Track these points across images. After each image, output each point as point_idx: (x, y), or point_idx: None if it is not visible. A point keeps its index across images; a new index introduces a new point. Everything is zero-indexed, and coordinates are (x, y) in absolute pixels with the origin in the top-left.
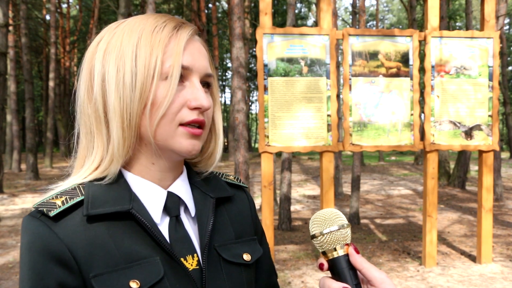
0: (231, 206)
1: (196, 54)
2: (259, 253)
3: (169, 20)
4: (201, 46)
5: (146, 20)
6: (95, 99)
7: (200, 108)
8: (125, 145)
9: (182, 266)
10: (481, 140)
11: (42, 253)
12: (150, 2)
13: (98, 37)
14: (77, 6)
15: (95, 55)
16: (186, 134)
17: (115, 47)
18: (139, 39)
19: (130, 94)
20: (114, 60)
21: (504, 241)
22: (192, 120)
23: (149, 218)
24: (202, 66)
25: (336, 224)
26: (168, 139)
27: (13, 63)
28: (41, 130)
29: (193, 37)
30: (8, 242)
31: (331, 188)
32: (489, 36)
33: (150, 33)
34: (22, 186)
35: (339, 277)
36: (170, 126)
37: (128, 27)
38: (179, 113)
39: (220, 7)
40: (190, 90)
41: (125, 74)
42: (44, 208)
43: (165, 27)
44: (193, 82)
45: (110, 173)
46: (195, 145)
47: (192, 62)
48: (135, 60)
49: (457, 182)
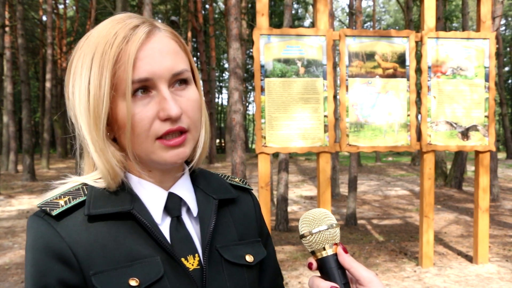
0: (235, 208)
1: (156, 57)
2: (262, 254)
3: (121, 29)
4: (164, 43)
5: (100, 34)
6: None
7: (170, 118)
8: (107, 167)
9: (182, 266)
10: (477, 141)
11: (44, 251)
12: (147, 3)
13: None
14: (74, 7)
15: (69, 79)
16: (165, 148)
17: (77, 71)
18: (91, 60)
19: (93, 120)
20: (78, 86)
21: (501, 241)
22: (166, 131)
23: (150, 219)
24: (166, 69)
25: (325, 224)
26: (150, 155)
27: (9, 64)
28: (38, 131)
29: (150, 38)
30: (4, 243)
31: (328, 188)
32: (485, 37)
33: (100, 53)
34: (19, 187)
35: (328, 277)
36: (147, 142)
37: (86, 47)
38: (152, 127)
39: (217, 8)
40: (157, 100)
41: (81, 99)
42: (47, 208)
43: (114, 41)
44: (159, 90)
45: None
46: (179, 153)
47: (150, 70)
48: (88, 85)
49: (454, 182)
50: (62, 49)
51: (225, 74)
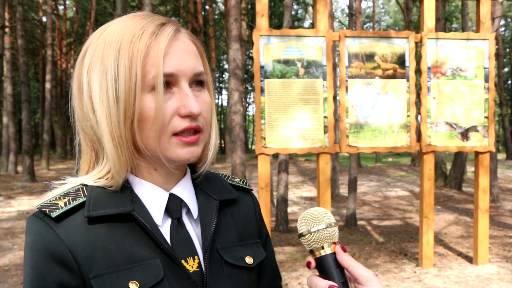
0: (235, 208)
1: (180, 56)
2: (261, 256)
3: (148, 23)
4: (187, 44)
5: (125, 27)
6: (87, 115)
7: (190, 115)
8: (121, 161)
9: (182, 268)
10: (477, 141)
11: (43, 253)
12: (147, 4)
13: (83, 49)
14: (74, 8)
15: (82, 70)
16: (181, 144)
17: (97, 61)
18: (118, 51)
19: (116, 111)
20: (97, 76)
21: (501, 242)
22: (184, 128)
23: (150, 220)
24: (189, 67)
25: (323, 223)
26: (164, 150)
27: (9, 65)
28: (38, 132)
29: (176, 37)
30: (4, 244)
31: (328, 189)
32: (485, 37)
33: (128, 44)
34: (19, 188)
35: (326, 275)
36: (163, 137)
37: (109, 37)
38: (171, 123)
39: (217, 9)
40: (179, 96)
41: (108, 90)
42: (47, 209)
43: (143, 34)
44: (181, 88)
45: (115, 184)
46: (193, 152)
47: (176, 66)
48: (116, 75)
49: (454, 183)
50: (62, 50)
51: (225, 75)
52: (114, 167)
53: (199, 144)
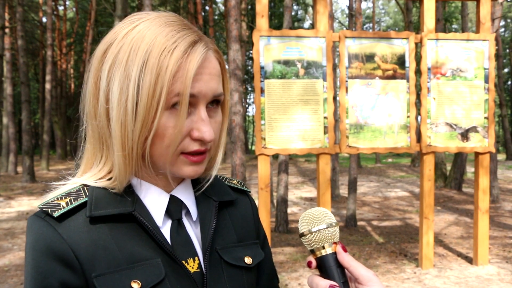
0: (234, 210)
1: (205, 78)
2: (260, 257)
3: (181, 39)
4: (213, 64)
5: (156, 36)
6: (100, 116)
7: (202, 140)
8: (128, 170)
9: (183, 268)
10: (477, 142)
11: (45, 253)
12: (147, 5)
13: (105, 44)
14: (74, 8)
15: (102, 67)
16: (187, 162)
17: (121, 64)
18: (145, 62)
19: (132, 123)
20: (118, 81)
21: (501, 242)
22: (194, 151)
23: (151, 221)
24: (211, 89)
25: (324, 223)
26: (170, 166)
27: (9, 66)
28: (38, 133)
29: (205, 57)
30: (4, 245)
31: (328, 190)
32: (485, 38)
33: (157, 57)
34: (19, 188)
35: (327, 275)
36: (173, 155)
37: (136, 42)
38: (182, 143)
39: (216, 10)
40: (195, 118)
41: (128, 100)
42: (48, 209)
43: (175, 50)
44: (198, 111)
45: (118, 188)
46: (198, 170)
47: (199, 89)
48: (138, 86)
49: (454, 184)
50: (62, 51)
51: None
52: (120, 174)
53: (204, 163)
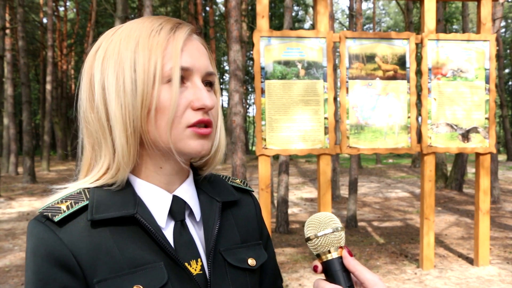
0: (237, 210)
1: (195, 53)
2: (263, 258)
3: (165, 22)
4: (200, 45)
5: (142, 24)
6: (96, 107)
7: (204, 108)
8: (131, 153)
9: (186, 271)
10: (478, 143)
11: (46, 258)
12: (147, 5)
13: (95, 45)
14: (74, 9)
15: (94, 64)
16: (195, 135)
17: (113, 53)
18: (136, 44)
19: (132, 101)
20: (113, 67)
21: (502, 243)
22: (197, 120)
23: (153, 223)
24: (203, 65)
25: (330, 227)
26: (177, 142)
27: (10, 66)
28: (38, 133)
29: (191, 37)
30: (5, 245)
31: (329, 190)
32: (486, 39)
33: (147, 37)
34: (19, 189)
35: (333, 279)
36: (177, 129)
37: (125, 33)
38: (184, 115)
39: (217, 10)
40: (192, 90)
41: (125, 80)
42: (49, 213)
43: (161, 30)
44: (194, 83)
45: (118, 180)
46: (204, 144)
47: (191, 62)
48: (134, 66)
49: (454, 184)
50: (63, 51)
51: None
52: (123, 158)
53: (209, 139)
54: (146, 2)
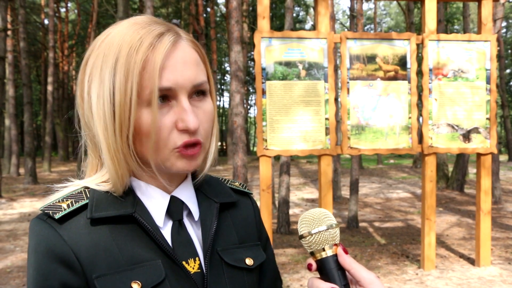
0: (235, 211)
1: (179, 68)
2: (262, 258)
3: (146, 34)
4: (187, 53)
5: (123, 37)
6: (89, 126)
7: (187, 130)
8: (119, 173)
9: (183, 269)
10: (479, 143)
11: (47, 255)
12: (148, 6)
13: (86, 56)
14: (76, 10)
15: (84, 79)
16: (181, 156)
17: (96, 73)
18: (114, 64)
19: (111, 124)
20: (95, 89)
21: (503, 243)
22: (183, 143)
23: (151, 222)
24: (188, 79)
25: (324, 224)
26: (164, 162)
27: (11, 68)
28: (40, 134)
29: (175, 47)
30: (6, 246)
31: (330, 191)
32: (487, 39)
33: (125, 57)
34: (21, 190)
35: (328, 278)
36: (164, 150)
37: (108, 47)
38: (170, 137)
39: (218, 11)
40: (177, 110)
41: (105, 104)
42: (50, 211)
43: (140, 47)
44: (180, 102)
45: (117, 191)
46: (192, 164)
47: (174, 80)
48: (113, 88)
49: (456, 185)
50: (64, 52)
51: (226, 77)
52: (112, 178)
53: (199, 157)
54: (147, 3)
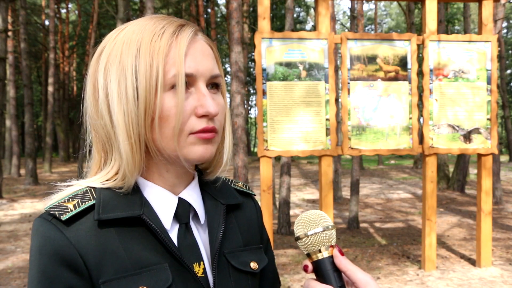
0: (240, 213)
1: (199, 57)
2: (264, 262)
3: (168, 24)
4: (205, 46)
5: (144, 27)
6: (101, 114)
7: (208, 115)
8: (136, 160)
9: (191, 273)
10: (479, 144)
11: (53, 257)
12: (149, 7)
13: (99, 49)
14: (76, 11)
15: (98, 68)
16: (198, 140)
17: (116, 59)
18: (138, 49)
19: (134, 109)
20: (115, 74)
21: (504, 244)
22: (201, 129)
23: (159, 224)
24: (207, 68)
25: (320, 226)
26: (181, 149)
27: (12, 68)
28: (40, 135)
29: (195, 38)
30: (7, 247)
31: (330, 192)
32: (487, 39)
33: (148, 43)
34: (21, 191)
35: (324, 279)
36: (181, 136)
37: (127, 36)
38: (188, 122)
39: (219, 12)
40: (196, 97)
41: (127, 88)
42: (56, 211)
43: (163, 34)
44: (199, 88)
45: (125, 185)
46: (208, 149)
47: (195, 67)
48: (136, 73)
49: (457, 185)
50: (65, 53)
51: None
52: (128, 166)
53: (214, 143)
54: (147, 4)
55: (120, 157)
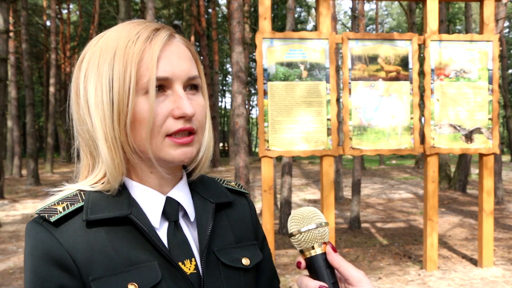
0: (231, 211)
1: (174, 60)
2: (258, 258)
3: (143, 29)
4: (182, 48)
5: (120, 33)
6: (84, 119)
7: (184, 116)
8: (116, 163)
9: (179, 270)
10: (481, 143)
11: (43, 258)
12: (150, 8)
13: (82, 55)
14: (77, 12)
15: (79, 75)
16: (174, 145)
17: (94, 66)
18: (113, 55)
19: (109, 113)
20: (93, 80)
21: (506, 244)
22: (178, 129)
23: (147, 223)
24: (183, 71)
25: (314, 223)
26: (158, 151)
27: (13, 69)
28: (42, 136)
29: (171, 41)
30: (8, 247)
31: (332, 192)
32: (489, 39)
33: (123, 49)
34: (23, 191)
35: (317, 276)
36: (157, 139)
37: (105, 43)
38: (164, 124)
39: (219, 12)
40: (173, 99)
41: (103, 93)
42: (46, 214)
43: (137, 40)
44: (175, 90)
45: (112, 188)
46: (187, 152)
47: (170, 70)
48: (111, 79)
49: (458, 185)
50: (66, 54)
51: (228, 77)
52: (109, 169)
53: (194, 145)
54: (148, 5)
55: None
